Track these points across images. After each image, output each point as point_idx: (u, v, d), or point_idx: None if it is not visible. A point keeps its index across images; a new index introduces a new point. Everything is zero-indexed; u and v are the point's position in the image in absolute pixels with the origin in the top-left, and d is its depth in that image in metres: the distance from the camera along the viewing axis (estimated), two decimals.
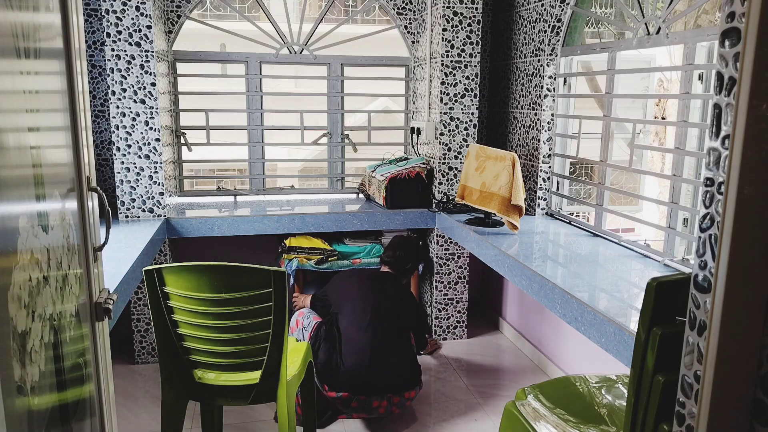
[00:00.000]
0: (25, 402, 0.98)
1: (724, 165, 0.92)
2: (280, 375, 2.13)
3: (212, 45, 4.85)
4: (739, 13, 0.89)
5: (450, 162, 3.61)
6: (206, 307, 2.04)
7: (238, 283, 2.02)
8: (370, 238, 3.70)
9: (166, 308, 2.08)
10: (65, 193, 1.25)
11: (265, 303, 2.04)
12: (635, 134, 2.82)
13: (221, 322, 2.05)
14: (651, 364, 1.20)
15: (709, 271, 0.97)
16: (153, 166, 3.23)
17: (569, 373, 3.13)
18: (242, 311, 2.04)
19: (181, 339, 2.12)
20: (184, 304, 2.06)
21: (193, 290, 2.03)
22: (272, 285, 2.01)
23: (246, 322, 2.06)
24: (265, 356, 2.10)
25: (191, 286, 2.02)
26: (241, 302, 2.03)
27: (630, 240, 2.76)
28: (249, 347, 2.10)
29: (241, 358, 2.12)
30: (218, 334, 2.07)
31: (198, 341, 2.11)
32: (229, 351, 2.10)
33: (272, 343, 2.08)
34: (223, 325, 2.06)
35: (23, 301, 0.99)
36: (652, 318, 1.21)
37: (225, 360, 2.13)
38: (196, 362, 2.16)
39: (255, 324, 2.06)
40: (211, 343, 2.09)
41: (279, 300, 2.03)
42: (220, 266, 2.00)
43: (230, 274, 2.01)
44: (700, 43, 2.30)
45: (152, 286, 2.05)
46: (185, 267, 2.02)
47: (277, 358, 2.11)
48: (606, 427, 1.77)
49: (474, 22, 3.47)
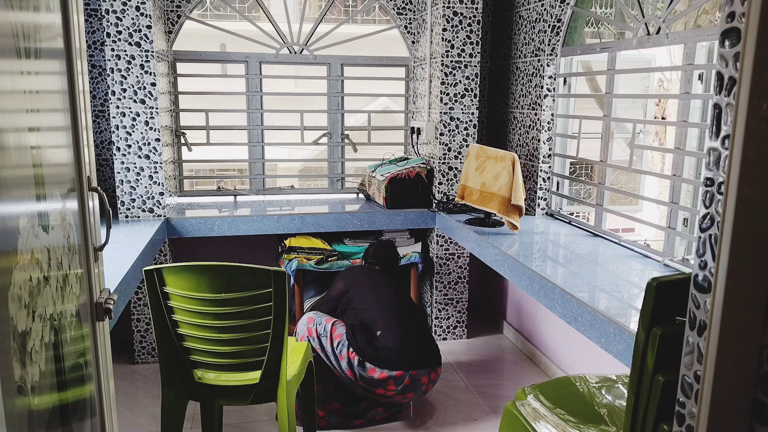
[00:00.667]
0: (25, 402, 0.98)
1: (724, 165, 0.92)
2: (280, 375, 2.13)
3: (212, 45, 4.85)
4: (739, 13, 0.89)
5: (450, 162, 3.61)
6: (206, 307, 2.04)
7: (238, 283, 2.02)
8: (370, 238, 3.70)
9: (166, 308, 2.08)
10: (66, 193, 1.25)
11: (265, 303, 2.03)
12: (635, 134, 2.82)
13: (221, 322, 2.05)
14: (651, 364, 1.20)
15: (709, 271, 0.97)
16: (153, 166, 3.23)
17: (569, 373, 3.13)
18: (242, 311, 2.04)
19: (181, 339, 2.12)
20: (184, 304, 2.06)
21: (193, 290, 2.03)
22: (272, 285, 2.01)
23: (246, 322, 2.05)
24: (265, 356, 2.10)
25: (191, 286, 2.02)
26: (241, 302, 2.03)
27: (630, 240, 2.76)
28: (249, 347, 2.10)
29: (241, 358, 2.12)
30: (218, 334, 2.07)
31: (198, 341, 2.10)
32: (229, 351, 2.10)
33: (272, 343, 2.08)
34: (223, 325, 2.06)
35: (23, 301, 0.99)
36: (652, 318, 1.21)
37: (225, 360, 2.12)
38: (196, 362, 2.16)
39: (255, 324, 2.06)
40: (211, 343, 2.09)
41: (279, 300, 2.03)
42: (220, 266, 2.00)
43: (230, 274, 2.01)
44: (700, 43, 2.30)
45: (152, 286, 2.05)
46: (185, 267, 2.02)
47: (276, 358, 2.11)
48: (606, 427, 1.77)
49: (474, 22, 3.47)
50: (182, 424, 2.22)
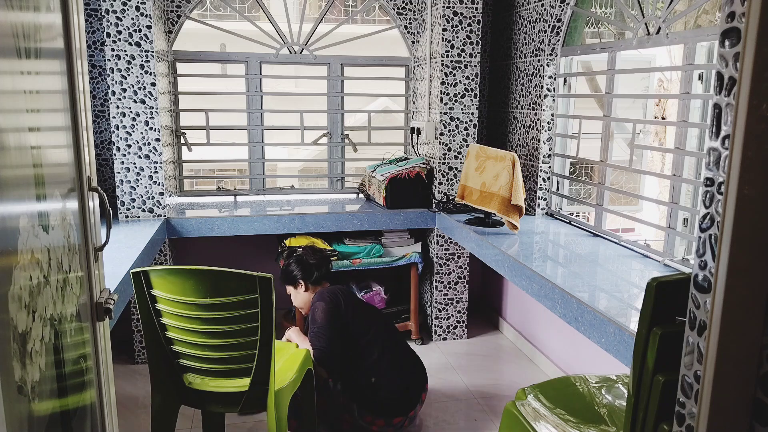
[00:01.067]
0: (25, 402, 0.98)
1: (724, 165, 0.92)
2: (269, 383, 2.08)
3: (212, 45, 4.85)
4: (739, 13, 0.89)
5: (450, 162, 3.61)
6: (193, 311, 2.01)
7: (224, 287, 1.98)
8: (370, 238, 3.70)
9: (154, 311, 2.06)
10: (66, 193, 1.25)
11: (251, 309, 2.00)
12: (635, 134, 2.82)
13: (208, 327, 2.02)
14: (651, 364, 1.20)
15: (709, 271, 0.97)
16: (153, 166, 3.23)
17: (569, 373, 3.13)
18: (228, 317, 2.00)
19: (170, 342, 2.10)
20: (172, 308, 2.03)
21: (179, 294, 2.00)
22: (258, 291, 1.97)
23: (233, 327, 2.02)
24: (253, 363, 2.06)
25: (177, 289, 1.99)
26: (227, 307, 1.99)
27: (630, 240, 2.76)
28: (237, 353, 2.06)
29: (230, 364, 2.09)
30: (206, 339, 2.04)
31: (186, 345, 2.08)
32: (218, 357, 2.07)
33: (260, 350, 2.04)
34: (210, 330, 2.03)
35: (24, 301, 0.99)
36: (652, 318, 1.22)
37: (213, 366, 2.10)
38: (185, 367, 2.14)
39: (242, 330, 2.02)
40: (199, 348, 2.07)
41: (265, 306, 1.99)
42: (205, 270, 1.98)
43: (216, 279, 1.97)
44: (700, 43, 2.30)
45: (140, 288, 2.04)
46: (171, 270, 2.00)
47: (266, 365, 2.06)
48: (606, 427, 1.77)
49: (474, 22, 3.47)
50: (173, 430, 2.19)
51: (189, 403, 2.20)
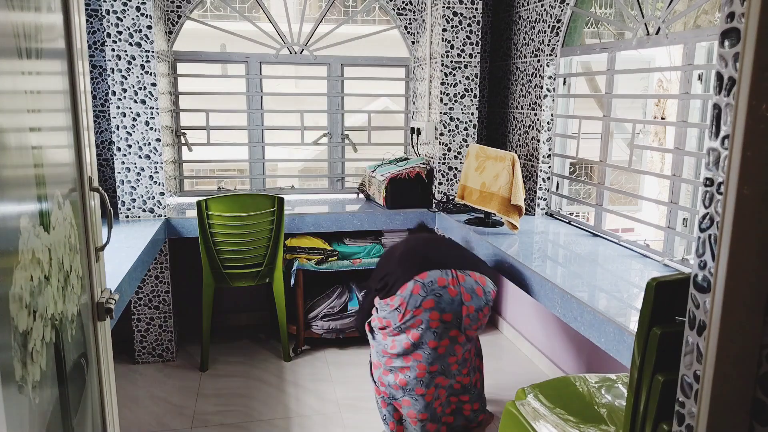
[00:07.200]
0: (26, 401, 0.98)
1: (723, 165, 0.93)
2: (276, 263, 3.37)
3: (212, 45, 4.85)
4: (739, 13, 0.89)
5: (450, 162, 3.61)
6: (234, 222, 3.21)
7: (253, 204, 3.23)
8: (370, 238, 3.70)
9: (208, 225, 3.19)
10: (67, 193, 1.25)
11: (270, 218, 3.26)
12: (635, 134, 2.82)
13: (243, 231, 3.24)
14: (651, 364, 1.20)
15: (709, 271, 0.97)
16: (153, 166, 3.23)
17: (569, 373, 3.13)
18: (255, 224, 3.25)
19: (217, 245, 3.25)
20: (221, 221, 3.20)
21: (226, 211, 3.20)
22: (275, 206, 3.24)
23: (257, 230, 3.27)
24: (267, 252, 3.32)
25: (224, 208, 3.19)
26: (255, 218, 3.24)
27: (630, 240, 2.76)
28: (258, 246, 3.31)
29: (253, 253, 3.31)
30: (240, 238, 3.26)
31: (228, 245, 3.25)
32: (246, 249, 3.29)
33: (272, 243, 3.32)
34: (244, 233, 3.25)
35: (24, 301, 0.99)
36: (651, 318, 1.22)
37: (243, 255, 3.29)
38: (225, 258, 3.28)
39: (263, 231, 3.27)
40: (236, 245, 3.26)
41: (278, 217, 3.27)
42: (242, 195, 3.27)
43: (250, 199, 3.23)
44: (699, 44, 2.30)
45: (200, 210, 3.14)
46: (222, 197, 3.20)
47: (274, 254, 3.35)
48: (606, 426, 1.77)
49: (474, 22, 3.47)
50: (212, 299, 3.33)
51: (224, 282, 3.35)
